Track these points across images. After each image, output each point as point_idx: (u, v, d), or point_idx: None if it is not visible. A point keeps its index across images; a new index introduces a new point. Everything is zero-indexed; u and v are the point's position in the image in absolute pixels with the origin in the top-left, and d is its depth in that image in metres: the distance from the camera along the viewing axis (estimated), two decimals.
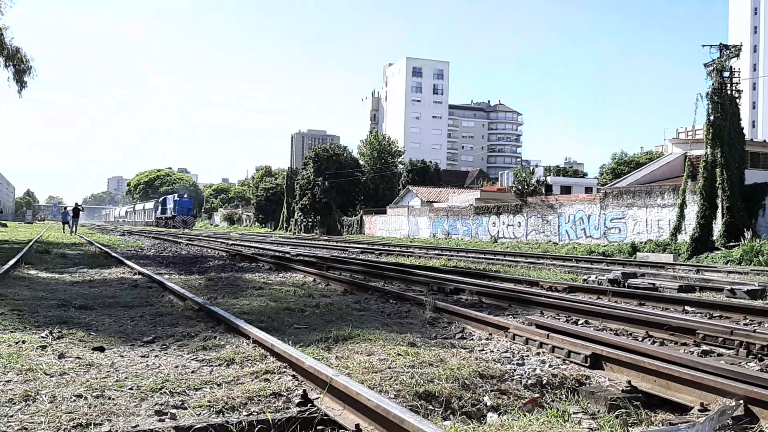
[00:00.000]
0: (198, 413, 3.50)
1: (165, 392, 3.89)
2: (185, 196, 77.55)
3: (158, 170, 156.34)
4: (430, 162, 74.72)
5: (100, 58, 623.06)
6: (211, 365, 4.64)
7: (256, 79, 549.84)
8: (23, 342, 5.26)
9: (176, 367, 4.59)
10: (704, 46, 23.92)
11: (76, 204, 42.48)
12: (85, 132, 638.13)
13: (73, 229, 40.88)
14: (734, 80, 23.92)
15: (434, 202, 54.37)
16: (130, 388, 3.95)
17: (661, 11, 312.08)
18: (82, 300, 8.20)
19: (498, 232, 37.66)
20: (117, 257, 16.18)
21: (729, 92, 23.68)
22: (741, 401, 3.63)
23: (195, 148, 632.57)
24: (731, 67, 24.07)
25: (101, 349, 5.14)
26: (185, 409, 3.59)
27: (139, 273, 12.01)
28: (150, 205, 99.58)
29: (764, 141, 40.16)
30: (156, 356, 4.99)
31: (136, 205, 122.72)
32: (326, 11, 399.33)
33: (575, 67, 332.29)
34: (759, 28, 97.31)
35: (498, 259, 19.88)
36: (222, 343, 5.33)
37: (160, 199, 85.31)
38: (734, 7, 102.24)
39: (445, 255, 22.16)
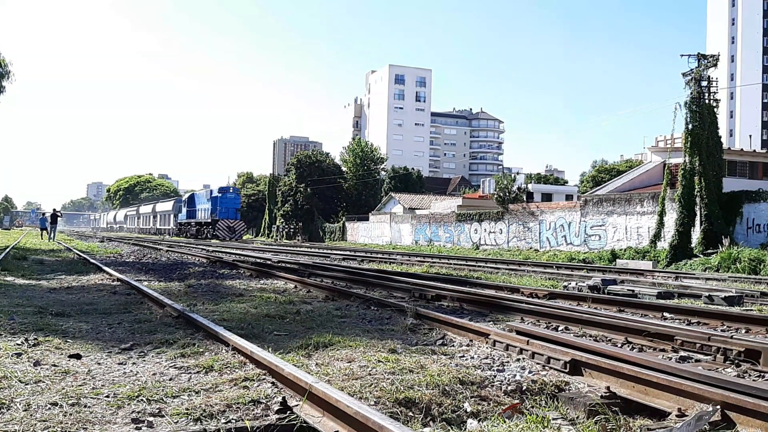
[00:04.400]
0: (175, 421, 3.47)
1: (142, 400, 3.84)
2: (230, 191, 54.46)
3: (138, 176, 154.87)
4: (413, 169, 74.94)
5: (79, 62, 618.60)
6: (190, 372, 4.59)
7: (238, 85, 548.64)
8: None
9: (154, 374, 4.54)
10: (683, 55, 24.32)
11: (54, 210, 41.98)
12: (64, 137, 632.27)
13: (51, 235, 40.38)
14: (712, 89, 24.28)
15: (416, 209, 54.47)
16: (107, 396, 3.90)
17: (641, 21, 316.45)
18: (59, 307, 8.09)
19: (480, 239, 37.78)
20: (96, 264, 16.00)
21: (707, 101, 24.02)
22: (718, 406, 3.66)
23: (176, 153, 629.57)
24: (709, 76, 24.44)
25: (78, 357, 5.07)
26: (162, 416, 3.54)
27: (118, 280, 11.88)
28: (166, 206, 73.39)
29: (742, 150, 40.83)
30: (133, 363, 4.93)
31: (140, 208, 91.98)
32: (309, 18, 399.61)
33: (556, 75, 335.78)
34: (736, 38, 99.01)
35: (479, 266, 19.93)
36: (201, 350, 5.28)
37: (185, 198, 62.01)
38: (712, 17, 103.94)
39: (427, 262, 22.18)
